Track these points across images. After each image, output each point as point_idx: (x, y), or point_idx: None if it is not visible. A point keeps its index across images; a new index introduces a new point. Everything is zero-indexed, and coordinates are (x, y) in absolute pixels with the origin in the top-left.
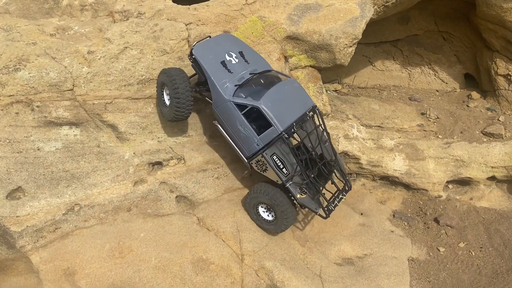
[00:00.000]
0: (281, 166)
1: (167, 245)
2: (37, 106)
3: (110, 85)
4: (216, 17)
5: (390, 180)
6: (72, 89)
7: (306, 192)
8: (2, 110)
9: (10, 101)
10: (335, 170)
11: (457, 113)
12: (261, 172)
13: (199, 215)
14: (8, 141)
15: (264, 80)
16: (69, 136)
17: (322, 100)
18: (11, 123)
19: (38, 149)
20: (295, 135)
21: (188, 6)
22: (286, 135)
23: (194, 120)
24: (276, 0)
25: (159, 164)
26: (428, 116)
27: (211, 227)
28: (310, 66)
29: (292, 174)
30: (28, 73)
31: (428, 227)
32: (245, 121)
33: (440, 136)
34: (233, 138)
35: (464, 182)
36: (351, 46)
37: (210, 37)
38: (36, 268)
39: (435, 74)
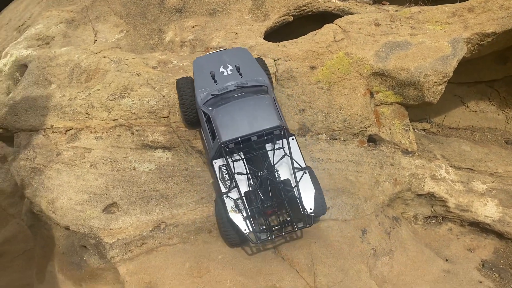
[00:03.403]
0: (226, 178)
1: (242, 270)
2: (137, 130)
3: None
4: (303, 53)
5: (480, 227)
6: (168, 116)
7: (241, 211)
8: (107, 132)
9: (114, 125)
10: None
11: None
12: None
13: (275, 242)
14: (109, 160)
15: (244, 93)
16: (162, 159)
17: (409, 138)
18: (113, 144)
19: (134, 169)
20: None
21: (278, 43)
22: (226, 147)
23: None
24: (364, 38)
25: None
26: None
27: (286, 256)
28: (397, 102)
29: (231, 188)
30: (131, 101)
31: None
32: (207, 128)
33: None
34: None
35: None
36: (440, 84)
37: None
38: (122, 279)
39: None
